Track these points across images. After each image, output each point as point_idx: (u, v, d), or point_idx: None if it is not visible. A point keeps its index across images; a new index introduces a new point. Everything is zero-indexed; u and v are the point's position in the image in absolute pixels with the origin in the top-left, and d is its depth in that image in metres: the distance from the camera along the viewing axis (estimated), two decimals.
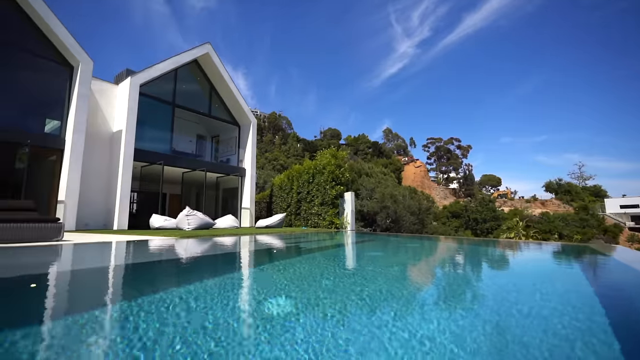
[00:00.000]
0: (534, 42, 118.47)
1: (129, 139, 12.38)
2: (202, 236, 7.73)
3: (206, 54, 15.74)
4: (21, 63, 10.85)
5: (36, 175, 11.54)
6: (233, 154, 17.93)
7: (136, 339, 1.33)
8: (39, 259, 4.08)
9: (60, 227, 5.76)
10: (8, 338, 1.36)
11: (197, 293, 2.28)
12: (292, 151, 53.08)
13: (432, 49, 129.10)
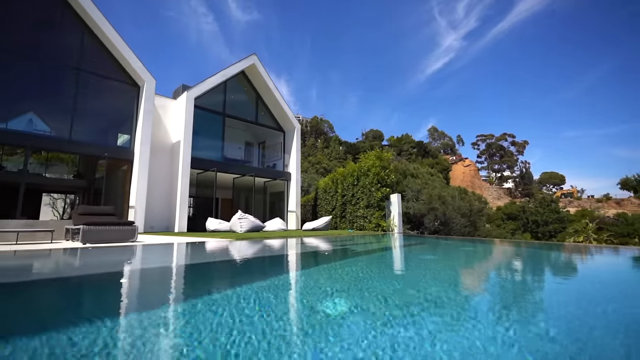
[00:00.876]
0: (604, 23, 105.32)
1: (186, 149, 13.48)
2: (255, 238, 8.14)
3: (252, 64, 16.57)
4: (99, 87, 12.41)
5: (112, 183, 13.09)
6: (279, 159, 18.58)
7: (209, 331, 1.50)
8: (123, 257, 4.64)
9: (135, 230, 6.49)
10: (111, 325, 1.62)
11: (261, 291, 2.46)
12: (334, 154, 53.36)
13: (480, 40, 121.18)
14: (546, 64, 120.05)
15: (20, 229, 6.21)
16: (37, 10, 11.07)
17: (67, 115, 11.82)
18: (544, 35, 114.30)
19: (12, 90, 10.81)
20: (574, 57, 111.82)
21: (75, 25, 11.74)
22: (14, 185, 12.73)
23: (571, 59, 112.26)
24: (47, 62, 11.23)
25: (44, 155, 17.08)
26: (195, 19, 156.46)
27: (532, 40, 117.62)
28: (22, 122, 12.30)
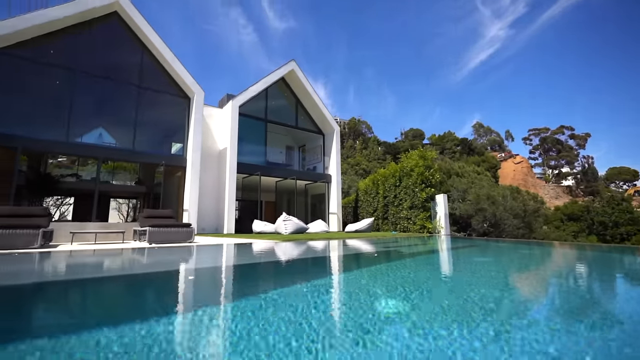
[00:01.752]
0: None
1: (232, 155, 14.20)
2: (301, 240, 8.33)
3: (291, 70, 17.01)
4: (156, 101, 13.56)
5: (168, 188, 14.21)
6: (319, 161, 18.81)
7: (269, 327, 1.58)
8: (184, 256, 5.03)
9: (191, 232, 7.00)
10: (185, 317, 1.77)
11: (315, 290, 2.53)
12: (373, 155, 52.65)
13: (529, 26, 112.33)
14: (606, 44, 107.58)
15: (97, 231, 7.01)
16: (106, 36, 12.42)
17: (129, 128, 13.07)
18: (600, 20, 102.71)
19: (86, 108, 12.22)
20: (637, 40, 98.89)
21: (136, 47, 12.98)
22: (89, 192, 14.42)
23: (634, 42, 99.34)
24: (113, 82, 12.54)
25: (111, 165, 19.08)
26: (235, 31, 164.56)
27: (587, 25, 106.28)
28: (94, 136, 13.84)
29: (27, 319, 1.83)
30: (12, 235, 5.26)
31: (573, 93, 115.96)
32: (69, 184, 16.70)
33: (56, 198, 17.09)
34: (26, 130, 11.30)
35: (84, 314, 1.98)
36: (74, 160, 19.05)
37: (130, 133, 12.99)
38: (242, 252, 5.86)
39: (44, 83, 11.60)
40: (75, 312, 2.02)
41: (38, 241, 5.60)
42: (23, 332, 1.55)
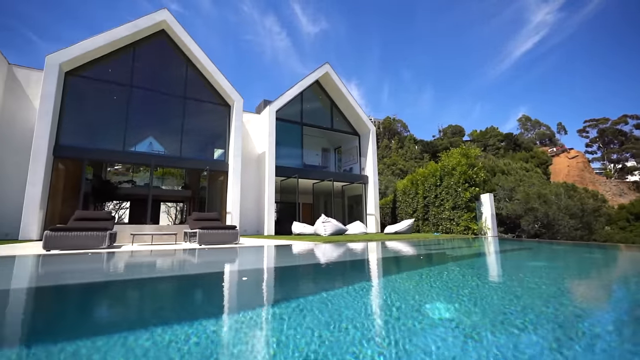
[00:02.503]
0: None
1: (270, 159, 14.63)
2: (341, 241, 8.36)
3: (325, 73, 17.15)
4: (199, 110, 14.39)
5: (212, 192, 14.98)
6: (355, 162, 18.72)
7: (320, 325, 1.61)
8: (234, 257, 5.28)
9: (237, 233, 7.32)
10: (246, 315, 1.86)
11: (361, 291, 2.53)
12: (410, 154, 51.23)
13: (583, 8, 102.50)
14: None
15: (153, 233, 7.61)
16: (155, 53, 13.45)
17: (176, 136, 13.99)
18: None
19: (138, 120, 13.30)
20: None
21: (181, 61, 13.89)
22: (143, 197, 15.68)
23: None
24: (161, 94, 13.52)
25: (160, 171, 20.59)
26: (270, 38, 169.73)
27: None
28: (145, 145, 15.00)
29: (119, 312, 2.05)
30: (86, 237, 5.88)
31: (636, 78, 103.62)
32: (126, 190, 18.29)
33: (115, 202, 18.83)
34: (90, 143, 12.56)
35: (165, 309, 2.16)
36: (128, 167, 20.83)
37: (177, 141, 13.90)
38: (287, 253, 6.01)
39: (104, 99, 12.82)
40: (156, 308, 2.21)
41: (105, 242, 6.20)
42: (118, 324, 1.73)
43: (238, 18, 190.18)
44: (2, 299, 2.44)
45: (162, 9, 12.94)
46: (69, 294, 2.69)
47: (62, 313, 2.03)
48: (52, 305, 2.33)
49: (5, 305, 2.28)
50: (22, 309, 2.22)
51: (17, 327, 1.68)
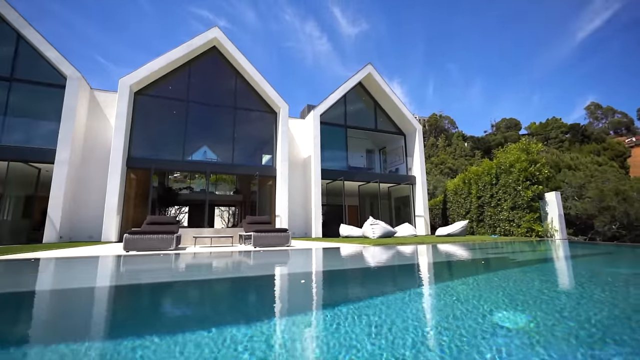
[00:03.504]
0: None
1: (316, 162, 14.87)
2: (391, 244, 8.21)
3: (368, 74, 17.01)
4: (248, 118, 15.16)
5: (262, 196, 15.67)
6: (401, 163, 18.25)
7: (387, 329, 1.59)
8: (288, 260, 5.47)
9: (289, 236, 7.56)
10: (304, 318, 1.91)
11: (424, 296, 2.46)
12: (459, 152, 48.49)
13: None
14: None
15: (213, 235, 8.18)
16: (207, 68, 14.48)
17: (228, 144, 14.88)
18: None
19: (194, 131, 14.40)
20: None
21: (231, 74, 14.78)
22: (200, 202, 16.91)
23: None
24: (214, 106, 14.50)
25: (213, 178, 22.01)
26: (310, 43, 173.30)
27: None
28: (200, 153, 16.17)
29: (200, 309, 2.26)
30: (157, 240, 6.53)
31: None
32: (185, 196, 19.88)
33: (176, 207, 20.57)
34: (155, 153, 13.87)
35: (235, 309, 2.33)
36: (185, 175, 22.63)
37: (229, 149, 14.77)
38: (339, 256, 6.07)
39: (165, 114, 14.11)
40: (229, 307, 2.39)
41: (173, 244, 6.82)
42: (202, 319, 1.91)
43: (280, 27, 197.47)
44: (102, 295, 2.82)
45: (213, 27, 13.91)
46: (157, 290, 3.01)
47: (153, 308, 2.30)
48: (144, 300, 2.63)
49: (107, 300, 2.64)
50: (122, 303, 2.53)
51: (122, 318, 1.93)
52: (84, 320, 1.91)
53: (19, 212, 12.63)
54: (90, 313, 2.10)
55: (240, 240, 8.84)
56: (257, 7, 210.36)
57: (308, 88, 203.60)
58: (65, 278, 3.70)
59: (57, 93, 11.57)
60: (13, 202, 12.24)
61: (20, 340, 1.47)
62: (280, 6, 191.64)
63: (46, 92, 11.70)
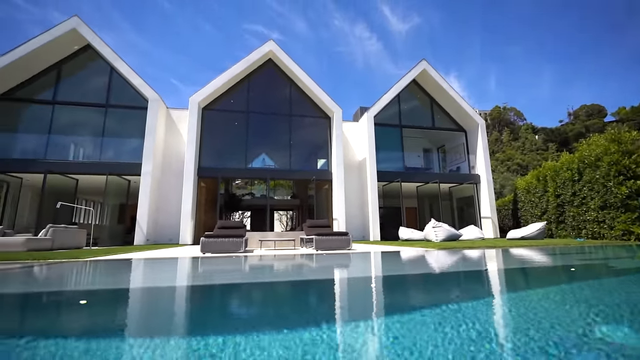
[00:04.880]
0: None
1: (371, 164, 14.71)
2: (457, 248, 7.74)
3: (423, 70, 16.36)
4: (303, 124, 15.64)
5: (319, 200, 15.99)
6: (462, 161, 17.14)
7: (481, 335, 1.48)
8: (352, 263, 5.50)
9: (349, 240, 7.60)
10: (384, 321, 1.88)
11: (514, 303, 2.27)
12: (529, 145, 43.79)
13: None
14: None
15: (276, 239, 8.59)
16: (264, 79, 15.32)
17: (284, 151, 15.51)
18: None
19: (254, 140, 15.30)
20: None
21: (285, 83, 15.44)
22: (261, 207, 17.95)
23: None
24: (271, 115, 15.26)
25: (272, 183, 23.11)
26: (360, 45, 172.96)
27: None
28: (259, 161, 17.10)
29: (284, 309, 2.41)
30: (228, 243, 7.09)
31: None
32: (247, 201, 21.22)
33: (240, 212, 22.07)
34: (220, 163, 15.04)
35: (311, 310, 2.42)
36: (246, 182, 24.12)
37: (285, 155, 15.38)
38: (403, 259, 5.92)
39: (228, 126, 15.23)
40: (306, 307, 2.51)
41: (242, 247, 7.32)
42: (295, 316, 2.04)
43: (330, 33, 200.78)
44: (196, 292, 3.16)
45: (269, 41, 14.69)
46: (240, 289, 3.28)
47: (237, 306, 2.50)
48: (230, 298, 2.88)
49: (202, 297, 2.94)
50: (212, 300, 2.81)
51: (212, 315, 2.14)
52: (190, 313, 2.16)
53: (115, 218, 14.71)
54: (192, 308, 2.38)
55: (301, 243, 9.13)
56: (307, 16, 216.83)
57: (359, 90, 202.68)
58: (162, 277, 4.20)
59: (140, 114, 13.27)
60: (110, 209, 14.29)
61: (118, 331, 1.72)
62: (329, 12, 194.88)
63: (132, 114, 13.49)
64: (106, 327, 1.80)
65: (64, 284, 3.67)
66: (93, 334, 1.64)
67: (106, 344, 1.43)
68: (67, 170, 12.37)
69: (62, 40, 12.78)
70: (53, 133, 12.81)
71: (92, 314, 2.12)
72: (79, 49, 13.42)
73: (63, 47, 13.03)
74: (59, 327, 1.85)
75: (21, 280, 3.91)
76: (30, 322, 2.01)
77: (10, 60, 11.95)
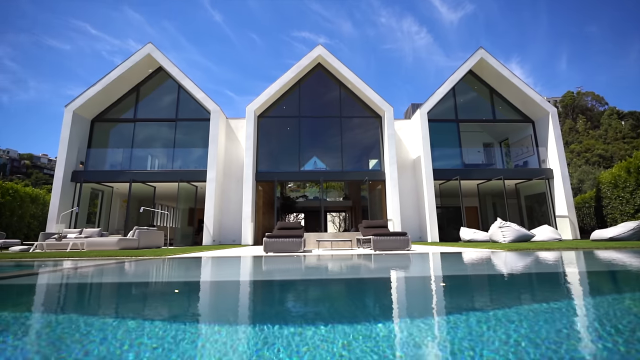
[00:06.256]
0: None
1: (427, 163, 14.14)
2: (531, 249, 7.08)
3: (480, 59, 15.30)
4: (354, 125, 15.65)
5: (372, 200, 15.83)
6: (530, 154, 15.61)
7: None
8: (415, 263, 5.37)
9: (408, 240, 7.41)
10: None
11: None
12: (612, 134, 38.11)
13: None
14: None
15: (333, 239, 8.72)
16: (314, 83, 15.70)
17: (335, 152, 15.65)
18: None
19: (306, 143, 15.71)
20: None
21: (335, 85, 15.63)
22: (314, 209, 18.37)
23: None
24: (322, 118, 15.54)
25: (324, 185, 23.47)
26: (409, 40, 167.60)
27: None
28: (311, 164, 17.48)
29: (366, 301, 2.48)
30: (289, 243, 7.40)
31: None
32: (301, 203, 21.85)
33: (294, 215, 22.82)
34: (276, 167, 15.73)
35: (386, 307, 2.45)
36: (298, 184, 24.81)
37: (336, 156, 15.51)
38: (468, 260, 5.61)
39: (281, 131, 15.88)
40: (378, 304, 2.54)
41: (301, 247, 7.58)
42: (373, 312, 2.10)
43: (376, 31, 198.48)
44: (273, 286, 3.38)
45: (317, 46, 15.02)
46: (309, 285, 3.43)
47: (306, 299, 2.62)
48: (296, 293, 3.03)
49: (278, 290, 3.15)
50: (287, 294, 2.98)
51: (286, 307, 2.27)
52: (278, 303, 2.34)
53: (186, 221, 16.24)
54: (269, 299, 2.57)
55: (358, 244, 9.14)
56: (353, 18, 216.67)
57: (409, 87, 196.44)
58: (240, 272, 4.56)
59: (203, 125, 14.51)
60: (181, 213, 15.83)
61: (200, 318, 1.90)
62: (375, 10, 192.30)
63: (196, 126, 14.81)
64: (200, 312, 2.04)
65: (158, 276, 4.19)
66: (190, 317, 1.88)
67: (202, 327, 1.63)
68: (146, 179, 14.02)
69: (140, 65, 14.56)
70: (135, 147, 14.64)
71: (189, 300, 2.42)
72: (153, 72, 15.16)
73: (140, 71, 14.83)
74: (163, 311, 2.14)
75: (124, 272, 4.55)
76: (149, 305, 2.35)
77: (101, 87, 13.97)
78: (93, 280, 3.84)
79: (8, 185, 13.58)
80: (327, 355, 1.13)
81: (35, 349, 1.28)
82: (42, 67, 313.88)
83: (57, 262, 5.72)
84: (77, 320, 1.77)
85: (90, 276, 4.09)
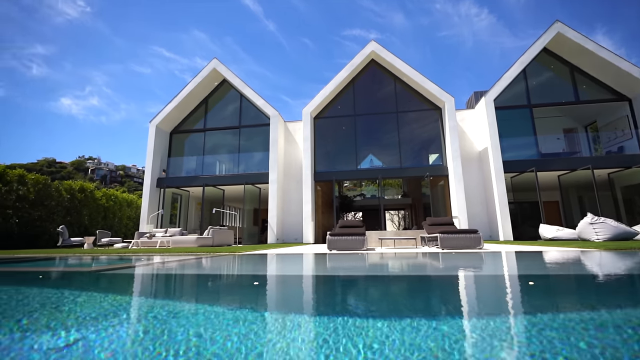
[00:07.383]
0: None
1: (495, 154, 13.01)
2: (635, 249, 6.08)
3: (557, 34, 13.58)
4: (411, 119, 15.09)
5: (434, 197, 15.10)
6: (628, 138, 13.38)
7: None
8: (491, 262, 5.01)
9: (480, 238, 6.93)
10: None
11: None
12: None
13: None
14: None
15: (396, 237, 8.55)
16: (368, 80, 15.54)
17: (391, 149, 15.26)
18: None
19: (362, 141, 15.61)
20: None
21: (390, 80, 15.27)
22: (372, 207, 18.19)
23: None
24: (378, 114, 15.30)
25: (382, 183, 23.05)
26: (468, 23, 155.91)
27: None
28: (367, 162, 17.28)
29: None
30: (351, 241, 7.47)
31: None
32: (359, 202, 21.79)
33: (353, 213, 22.85)
34: (333, 166, 15.94)
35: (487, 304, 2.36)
36: (354, 183, 24.74)
37: (392, 153, 15.12)
38: (557, 261, 5.05)
39: (337, 131, 16.03)
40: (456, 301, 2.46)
41: (364, 245, 7.59)
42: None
43: (431, 19, 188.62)
44: (346, 282, 3.48)
45: (370, 42, 14.84)
46: (380, 281, 3.46)
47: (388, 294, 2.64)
48: (377, 288, 3.06)
49: (351, 285, 3.23)
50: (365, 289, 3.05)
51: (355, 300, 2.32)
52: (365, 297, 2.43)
53: (251, 221, 17.38)
54: (345, 293, 2.66)
55: (422, 242, 8.82)
56: (405, 8, 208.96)
57: (470, 74, 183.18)
58: (318, 268, 4.78)
59: (264, 130, 15.35)
60: (247, 214, 16.97)
61: (265, 307, 2.02)
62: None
63: (257, 131, 15.73)
64: (278, 301, 2.20)
65: (238, 269, 4.59)
66: (271, 306, 2.04)
67: (281, 315, 1.76)
68: (216, 183, 15.34)
69: (207, 80, 16.00)
70: (205, 154, 16.13)
71: (268, 291, 2.63)
72: (218, 84, 16.53)
73: (208, 85, 16.29)
74: (246, 299, 2.36)
75: (207, 266, 5.08)
76: (237, 293, 2.62)
77: (176, 103, 15.70)
78: (192, 272, 4.36)
79: (111, 192, 16.07)
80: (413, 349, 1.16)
81: (160, 325, 1.54)
82: (130, 91, 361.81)
83: (163, 257, 6.61)
84: (199, 308, 2.06)
85: (189, 268, 4.65)
